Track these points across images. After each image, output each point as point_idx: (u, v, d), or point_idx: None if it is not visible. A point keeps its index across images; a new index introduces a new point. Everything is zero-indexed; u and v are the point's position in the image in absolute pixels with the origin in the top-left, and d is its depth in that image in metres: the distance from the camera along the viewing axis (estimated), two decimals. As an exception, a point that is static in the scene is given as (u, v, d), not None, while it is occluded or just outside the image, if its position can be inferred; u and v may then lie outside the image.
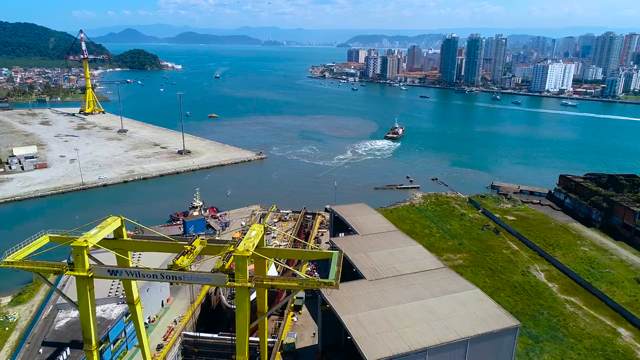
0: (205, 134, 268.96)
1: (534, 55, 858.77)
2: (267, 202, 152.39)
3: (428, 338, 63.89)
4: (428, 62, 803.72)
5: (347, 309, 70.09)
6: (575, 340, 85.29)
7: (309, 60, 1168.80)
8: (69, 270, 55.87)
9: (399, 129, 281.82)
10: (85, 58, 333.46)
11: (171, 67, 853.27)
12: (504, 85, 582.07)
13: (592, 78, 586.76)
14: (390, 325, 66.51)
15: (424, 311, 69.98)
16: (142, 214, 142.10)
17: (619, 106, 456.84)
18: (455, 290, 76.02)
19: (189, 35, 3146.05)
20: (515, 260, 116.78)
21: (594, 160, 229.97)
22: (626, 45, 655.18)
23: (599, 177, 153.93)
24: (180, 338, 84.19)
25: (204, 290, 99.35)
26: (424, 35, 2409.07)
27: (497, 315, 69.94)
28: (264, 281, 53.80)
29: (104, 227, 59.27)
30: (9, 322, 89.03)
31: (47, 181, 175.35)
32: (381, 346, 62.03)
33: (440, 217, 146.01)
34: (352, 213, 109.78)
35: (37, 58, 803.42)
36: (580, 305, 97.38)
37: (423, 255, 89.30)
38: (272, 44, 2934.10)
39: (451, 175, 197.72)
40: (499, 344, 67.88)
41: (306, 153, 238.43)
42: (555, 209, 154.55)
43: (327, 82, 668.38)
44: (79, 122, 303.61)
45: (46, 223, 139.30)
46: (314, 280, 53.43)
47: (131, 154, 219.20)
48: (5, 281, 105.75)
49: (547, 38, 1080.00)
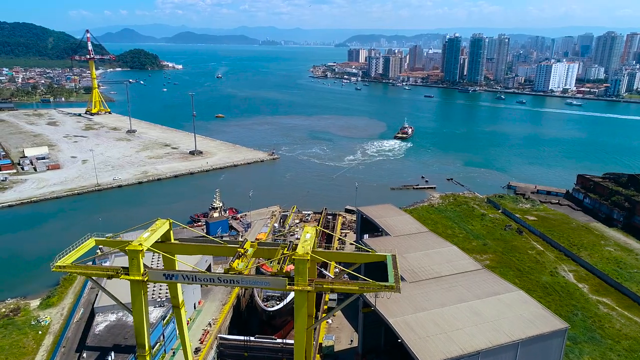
0: (215, 134, 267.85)
1: (534, 54, 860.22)
2: (285, 203, 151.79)
3: (479, 341, 63.29)
4: (429, 61, 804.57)
5: (392, 312, 69.40)
6: (613, 341, 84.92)
7: (307, 60, 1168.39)
8: (123, 275, 54.88)
9: (408, 128, 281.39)
10: (92, 58, 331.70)
11: (172, 67, 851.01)
12: (507, 84, 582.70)
13: (595, 77, 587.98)
14: (440, 328, 65.90)
15: (470, 313, 69.36)
16: (161, 216, 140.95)
17: (623, 105, 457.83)
18: (498, 292, 75.45)
19: (186, 35, 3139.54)
20: (542, 261, 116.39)
21: (605, 160, 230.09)
22: (627, 44, 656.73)
23: (619, 176, 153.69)
24: (217, 341, 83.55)
25: (234, 292, 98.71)
26: (422, 35, 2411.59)
27: (544, 317, 69.40)
28: (324, 285, 53.06)
29: (154, 230, 58.43)
30: (41, 325, 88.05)
31: (62, 182, 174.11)
32: (433, 349, 61.42)
33: (461, 217, 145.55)
34: (381, 214, 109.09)
35: (37, 58, 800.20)
36: (613, 306, 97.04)
37: (459, 256, 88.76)
38: (270, 43, 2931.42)
39: (466, 175, 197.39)
40: (548, 347, 67.35)
41: (316, 153, 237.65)
42: (574, 208, 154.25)
43: (330, 82, 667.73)
44: (87, 122, 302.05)
45: (66, 224, 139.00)
46: (375, 283, 52.66)
47: (143, 155, 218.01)
48: (33, 284, 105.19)
49: (546, 38, 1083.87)
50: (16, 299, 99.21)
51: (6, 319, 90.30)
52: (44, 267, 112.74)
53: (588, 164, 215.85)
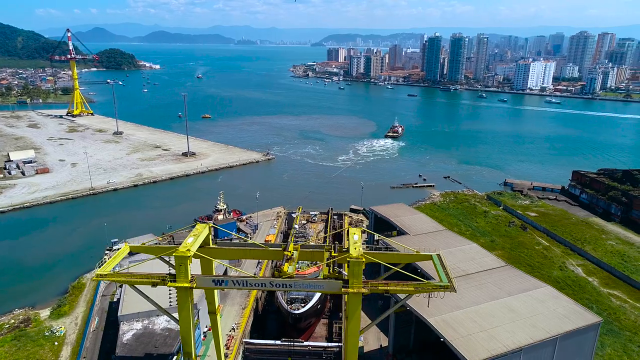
0: (204, 135, 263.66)
1: (509, 54, 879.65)
2: (288, 204, 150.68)
3: (520, 338, 63.91)
4: (409, 60, 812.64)
5: (429, 311, 69.30)
6: (631, 333, 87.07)
7: (285, 60, 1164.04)
8: (170, 282, 53.12)
9: (398, 127, 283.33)
10: (73, 58, 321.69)
11: (149, 67, 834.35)
12: (486, 83, 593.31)
13: (570, 76, 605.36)
14: (479, 326, 66.27)
15: (505, 310, 70.01)
16: (163, 219, 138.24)
17: (599, 103, 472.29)
18: (528, 288, 76.45)
19: (160, 35, 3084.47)
20: (549, 256, 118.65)
21: (594, 156, 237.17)
22: (599, 43, 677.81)
23: (613, 172, 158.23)
24: (242, 346, 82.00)
25: (252, 295, 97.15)
26: (397, 34, 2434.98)
27: (577, 311, 70.61)
28: (379, 286, 52.57)
29: (197, 235, 56.86)
30: (56, 336, 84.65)
31: (54, 187, 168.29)
32: (478, 347, 61.71)
33: (465, 214, 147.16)
34: (396, 213, 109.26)
35: (6, 58, 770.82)
36: (624, 298, 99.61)
37: (482, 253, 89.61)
38: (246, 43, 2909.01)
39: (462, 173, 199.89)
40: (583, 341, 68.60)
41: (309, 153, 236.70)
42: (572, 204, 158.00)
43: (312, 81, 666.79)
44: (70, 124, 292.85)
45: (66, 230, 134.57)
46: (430, 283, 52.61)
47: (134, 157, 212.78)
48: (40, 293, 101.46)
49: (519, 37, 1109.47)
50: (24, 309, 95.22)
51: (17, 330, 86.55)
52: (50, 274, 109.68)
53: (577, 160, 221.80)
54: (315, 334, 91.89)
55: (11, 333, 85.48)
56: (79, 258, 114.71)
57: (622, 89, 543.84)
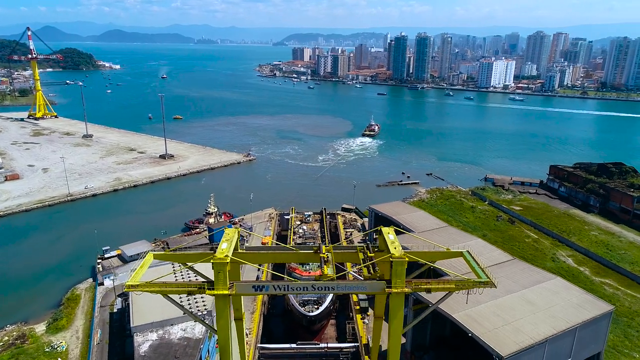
0: (180, 137, 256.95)
1: (469, 53, 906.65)
2: (279, 204, 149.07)
3: (543, 329, 65.77)
4: (374, 60, 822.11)
5: (452, 307, 70.26)
6: (628, 318, 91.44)
7: (249, 59, 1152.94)
8: (208, 290, 51.15)
9: (375, 126, 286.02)
10: (34, 58, 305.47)
11: (109, 67, 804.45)
12: (452, 82, 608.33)
13: (529, 74, 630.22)
14: (503, 319, 67.71)
15: (524, 303, 71.88)
16: (152, 224, 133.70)
17: (559, 100, 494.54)
18: (539, 280, 78.81)
19: (115, 34, 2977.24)
20: (540, 248, 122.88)
21: (563, 150, 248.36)
22: (554, 43, 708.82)
23: (589, 165, 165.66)
24: (257, 352, 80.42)
25: (259, 299, 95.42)
26: (359, 33, 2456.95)
27: (590, 301, 73.43)
28: (421, 285, 52.65)
29: (229, 240, 55.04)
30: (58, 352, 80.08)
31: (27, 194, 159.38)
32: (507, 340, 63.02)
33: (453, 210, 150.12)
34: (397, 211, 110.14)
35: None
36: (616, 286, 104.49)
37: (489, 248, 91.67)
38: (206, 42, 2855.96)
39: (443, 169, 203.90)
40: (598, 328, 71.36)
41: (289, 153, 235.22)
42: (551, 197, 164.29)
43: (280, 81, 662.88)
44: (33, 127, 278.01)
45: (49, 238, 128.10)
46: (471, 280, 53.11)
47: (109, 161, 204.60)
48: (31, 307, 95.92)
49: (477, 37, 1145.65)
50: (17, 324, 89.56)
51: (14, 347, 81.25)
52: (40, 287, 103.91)
53: (550, 155, 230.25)
54: (325, 335, 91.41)
55: (7, 351, 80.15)
56: (69, 268, 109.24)
57: (578, 86, 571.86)
